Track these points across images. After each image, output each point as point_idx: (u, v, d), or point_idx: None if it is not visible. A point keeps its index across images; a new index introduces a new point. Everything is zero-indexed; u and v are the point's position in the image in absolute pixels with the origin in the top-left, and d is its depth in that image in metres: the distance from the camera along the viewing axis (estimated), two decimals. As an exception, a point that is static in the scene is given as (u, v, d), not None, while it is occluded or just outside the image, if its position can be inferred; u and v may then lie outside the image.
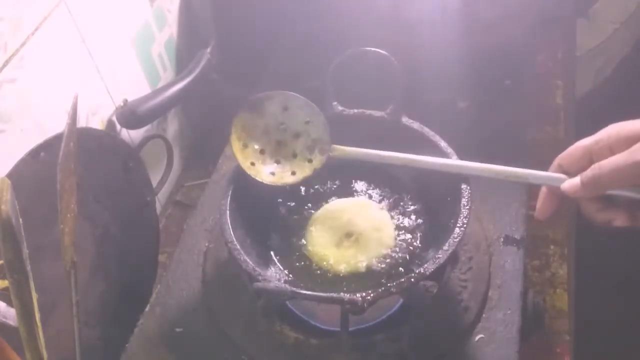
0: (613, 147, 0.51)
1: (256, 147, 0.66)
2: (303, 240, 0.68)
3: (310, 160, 0.66)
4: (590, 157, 0.53)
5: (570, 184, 0.54)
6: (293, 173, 0.66)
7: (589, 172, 0.52)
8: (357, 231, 0.67)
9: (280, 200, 0.71)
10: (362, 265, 0.64)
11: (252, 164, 0.65)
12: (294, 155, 0.66)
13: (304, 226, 0.69)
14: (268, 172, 0.65)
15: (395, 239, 0.67)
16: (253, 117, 0.66)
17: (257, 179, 0.65)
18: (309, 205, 0.71)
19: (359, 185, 0.73)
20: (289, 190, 0.71)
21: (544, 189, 0.59)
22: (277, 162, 0.66)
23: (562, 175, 0.56)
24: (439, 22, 0.80)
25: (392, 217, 0.69)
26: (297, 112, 0.66)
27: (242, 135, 0.66)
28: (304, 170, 0.66)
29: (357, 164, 0.72)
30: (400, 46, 0.69)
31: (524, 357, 0.60)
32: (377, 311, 0.63)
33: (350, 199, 0.71)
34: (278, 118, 0.66)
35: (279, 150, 0.66)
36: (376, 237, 0.66)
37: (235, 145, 0.65)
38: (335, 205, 0.71)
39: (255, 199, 0.68)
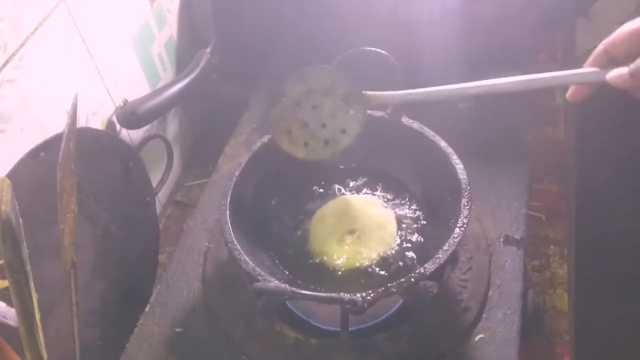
0: None
1: (297, 125, 0.64)
2: (304, 235, 0.68)
3: (352, 111, 0.64)
4: (638, 39, 0.49)
5: (617, 74, 0.50)
6: (344, 131, 0.64)
7: (638, 63, 0.48)
8: (360, 228, 0.67)
9: (279, 200, 0.71)
10: (362, 262, 0.64)
11: (306, 144, 0.64)
12: (335, 111, 0.64)
13: (304, 226, 0.69)
14: (323, 143, 0.64)
15: (397, 238, 0.67)
16: (279, 108, 0.65)
17: (319, 158, 0.64)
18: (309, 205, 0.71)
19: (360, 185, 0.73)
20: (289, 191, 0.71)
21: None
22: (324, 125, 0.64)
23: (595, 69, 0.53)
24: (439, 22, 0.80)
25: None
26: (313, 76, 0.64)
27: (280, 126, 0.64)
28: (353, 124, 0.64)
29: (358, 164, 0.72)
30: (400, 46, 0.69)
31: (524, 357, 0.60)
32: (377, 311, 0.64)
33: (357, 195, 0.71)
34: (300, 89, 0.64)
35: (318, 113, 0.64)
36: (378, 236, 0.66)
37: (283, 140, 0.64)
38: (341, 200, 0.70)
39: (255, 198, 0.68)
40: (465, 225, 0.58)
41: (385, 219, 0.68)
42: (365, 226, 0.67)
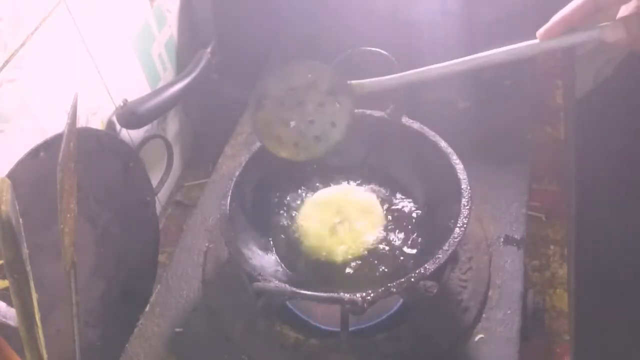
0: None
1: (285, 127, 0.62)
2: (299, 236, 0.68)
3: (339, 103, 0.62)
4: None
5: (613, 31, 0.48)
6: (333, 125, 0.62)
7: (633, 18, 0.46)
8: (347, 217, 0.67)
9: (280, 199, 0.71)
10: (362, 248, 0.64)
11: (296, 144, 0.62)
12: (322, 104, 0.62)
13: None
14: (313, 140, 0.62)
15: (386, 217, 0.67)
16: (263, 113, 0.63)
17: (312, 156, 0.63)
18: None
19: (360, 185, 0.73)
20: (289, 190, 0.71)
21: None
22: (312, 122, 0.62)
23: (587, 30, 0.50)
24: (439, 22, 0.80)
25: (392, 217, 0.68)
26: (294, 73, 0.62)
27: (268, 132, 0.63)
28: (342, 116, 0.62)
29: (358, 164, 0.72)
30: (401, 46, 0.68)
31: (524, 357, 0.60)
32: (377, 311, 0.63)
33: (333, 187, 0.71)
34: (282, 88, 0.62)
35: (304, 110, 0.62)
36: (367, 219, 0.66)
37: (273, 145, 0.63)
38: (320, 195, 0.70)
39: (255, 198, 0.68)
40: (465, 225, 0.58)
41: (368, 201, 0.68)
42: (352, 213, 0.67)
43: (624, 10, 0.49)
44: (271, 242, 0.68)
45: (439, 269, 0.56)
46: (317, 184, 0.72)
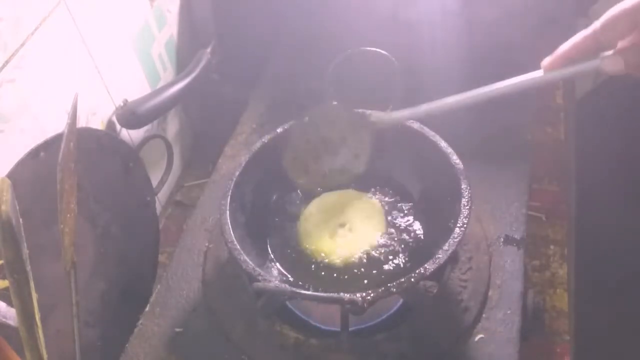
0: None
1: (312, 160, 0.68)
2: (299, 236, 0.68)
3: (360, 135, 0.67)
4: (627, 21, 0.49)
5: (613, 63, 0.51)
6: (357, 157, 0.67)
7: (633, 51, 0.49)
8: (349, 220, 0.67)
9: (279, 199, 0.71)
10: (359, 254, 0.64)
11: (324, 175, 0.68)
12: (344, 138, 0.67)
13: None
14: (339, 170, 0.68)
15: (387, 224, 0.67)
16: (290, 152, 0.68)
17: (338, 183, 0.69)
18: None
19: (360, 185, 0.73)
20: (289, 190, 0.71)
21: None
22: (336, 153, 0.68)
23: (590, 61, 0.53)
24: (439, 22, 0.80)
25: (392, 216, 0.68)
26: (316, 114, 0.68)
27: (296, 167, 0.68)
28: (364, 148, 0.66)
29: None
30: (401, 46, 0.69)
31: (524, 357, 0.60)
32: (377, 311, 0.63)
33: (338, 191, 0.71)
34: (306, 127, 0.68)
35: (329, 143, 0.68)
36: (369, 224, 0.66)
37: (302, 179, 0.68)
38: (324, 198, 0.71)
39: (255, 198, 0.68)
40: (465, 226, 0.58)
41: (371, 207, 0.68)
42: (354, 217, 0.67)
43: (620, 43, 0.52)
44: (271, 242, 0.68)
45: (439, 269, 0.56)
46: (319, 188, 0.72)
